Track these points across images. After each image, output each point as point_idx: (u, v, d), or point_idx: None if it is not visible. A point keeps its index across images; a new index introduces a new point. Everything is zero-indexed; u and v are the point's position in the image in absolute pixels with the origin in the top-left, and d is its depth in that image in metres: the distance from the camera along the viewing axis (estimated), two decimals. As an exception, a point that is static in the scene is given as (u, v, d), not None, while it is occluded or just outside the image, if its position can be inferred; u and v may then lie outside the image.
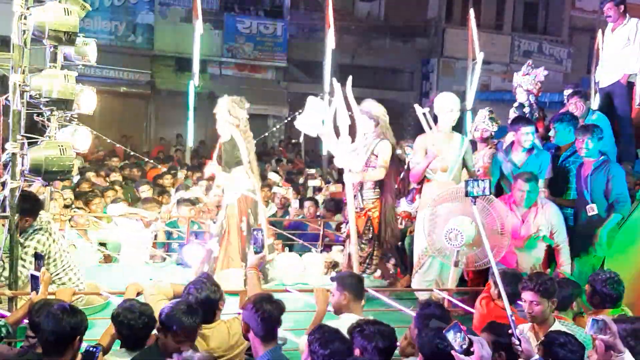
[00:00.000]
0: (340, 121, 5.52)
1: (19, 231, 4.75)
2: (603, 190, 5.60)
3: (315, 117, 5.96)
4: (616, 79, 6.94)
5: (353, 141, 5.91)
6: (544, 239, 5.57)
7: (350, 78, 5.73)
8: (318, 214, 8.77)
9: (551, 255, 5.75)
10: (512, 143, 6.19)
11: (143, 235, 7.52)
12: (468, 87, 14.20)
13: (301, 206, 9.20)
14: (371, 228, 6.13)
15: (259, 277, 4.39)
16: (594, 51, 10.08)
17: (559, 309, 4.25)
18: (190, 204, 8.13)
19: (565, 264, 5.58)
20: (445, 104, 5.90)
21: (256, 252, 4.41)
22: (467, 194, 3.85)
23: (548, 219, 5.57)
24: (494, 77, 21.30)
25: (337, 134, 5.77)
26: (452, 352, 2.94)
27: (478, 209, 5.12)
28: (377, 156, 6.05)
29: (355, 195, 6.10)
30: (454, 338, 2.92)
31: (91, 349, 3.24)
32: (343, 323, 3.74)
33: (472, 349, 2.89)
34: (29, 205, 4.82)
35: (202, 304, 3.78)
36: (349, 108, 5.85)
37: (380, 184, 6.14)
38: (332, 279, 4.31)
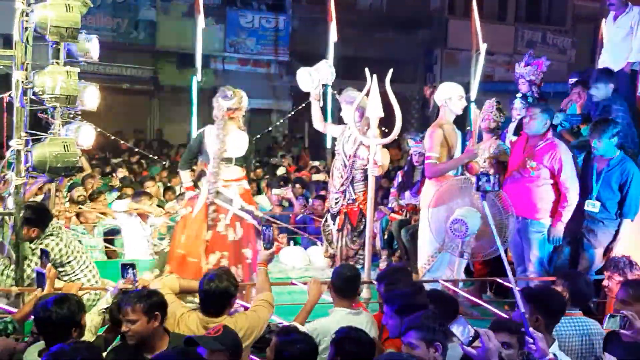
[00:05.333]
0: (372, 113, 5.40)
1: (28, 240, 4.76)
2: (616, 188, 5.53)
3: (314, 76, 5.98)
4: (619, 67, 6.90)
5: (387, 135, 5.75)
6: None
7: (390, 71, 5.57)
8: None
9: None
10: None
11: (143, 231, 7.54)
12: (472, 78, 14.21)
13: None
14: (363, 220, 6.03)
15: (267, 272, 4.38)
16: (598, 40, 10.03)
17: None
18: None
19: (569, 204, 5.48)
20: (455, 91, 5.77)
21: (266, 248, 4.41)
22: (477, 189, 3.77)
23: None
24: (498, 67, 21.22)
25: (368, 125, 5.71)
26: (459, 345, 2.94)
27: (487, 203, 5.12)
28: (367, 147, 5.91)
29: (344, 190, 6.08)
30: (460, 331, 2.90)
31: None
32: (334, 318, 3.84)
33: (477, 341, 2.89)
34: (34, 216, 4.80)
35: (219, 295, 3.81)
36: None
37: (366, 177, 6.01)
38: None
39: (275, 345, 3.15)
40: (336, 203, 6.15)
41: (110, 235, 7.89)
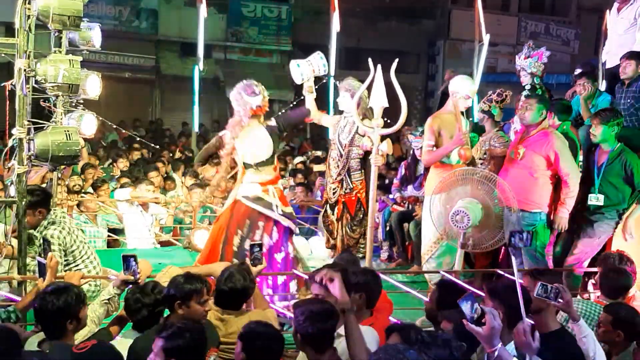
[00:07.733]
0: (376, 103, 5.33)
1: (33, 225, 4.77)
2: (616, 182, 5.50)
3: (303, 69, 5.90)
4: (623, 59, 6.86)
5: (390, 125, 5.55)
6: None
7: (396, 61, 5.38)
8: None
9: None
10: None
11: (144, 220, 7.55)
12: (475, 69, 14.15)
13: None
14: (362, 208, 6.01)
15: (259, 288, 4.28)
16: (602, 32, 9.97)
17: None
18: (200, 188, 8.14)
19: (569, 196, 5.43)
20: (463, 89, 5.75)
21: (254, 265, 4.18)
22: (509, 244, 3.64)
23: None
24: (501, 58, 21.16)
25: (364, 115, 5.65)
26: (464, 321, 2.93)
27: (483, 191, 5.14)
28: (362, 136, 5.87)
29: (341, 180, 6.07)
30: (467, 307, 2.90)
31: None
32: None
33: (483, 320, 2.88)
34: (39, 198, 4.80)
35: (237, 293, 3.81)
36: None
37: (364, 166, 6.00)
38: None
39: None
40: (334, 193, 6.14)
41: (113, 224, 7.90)
